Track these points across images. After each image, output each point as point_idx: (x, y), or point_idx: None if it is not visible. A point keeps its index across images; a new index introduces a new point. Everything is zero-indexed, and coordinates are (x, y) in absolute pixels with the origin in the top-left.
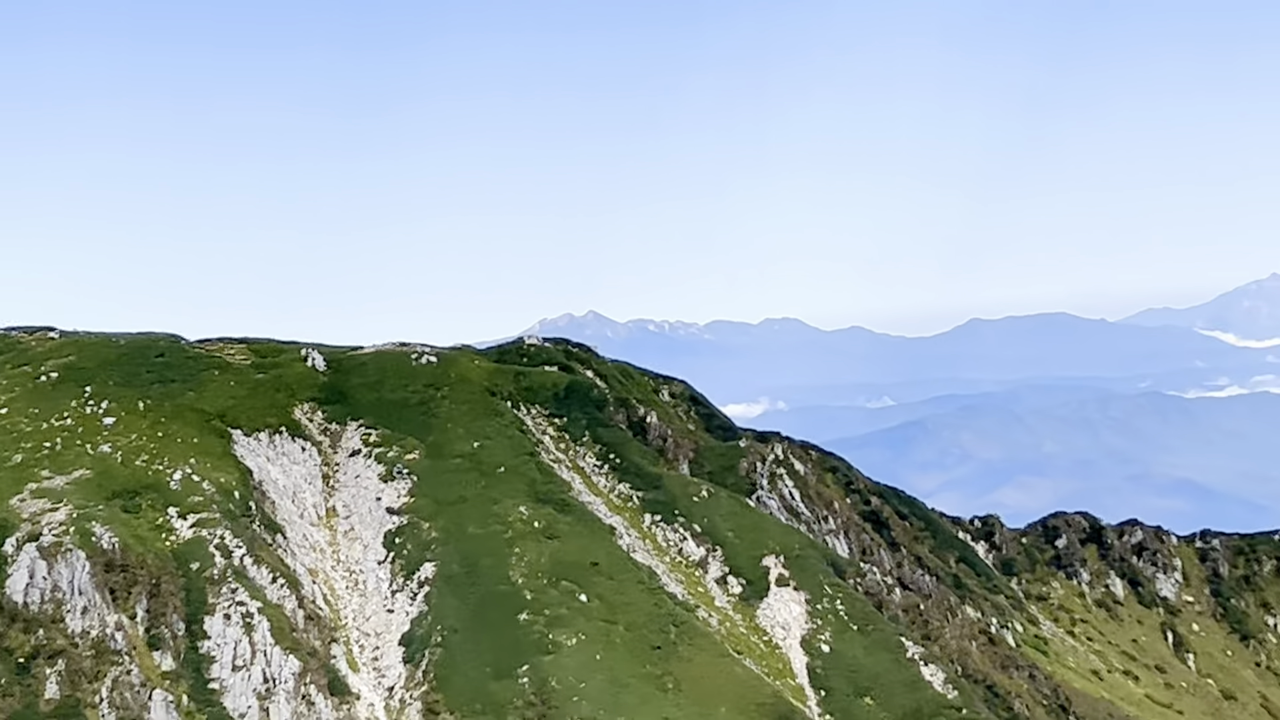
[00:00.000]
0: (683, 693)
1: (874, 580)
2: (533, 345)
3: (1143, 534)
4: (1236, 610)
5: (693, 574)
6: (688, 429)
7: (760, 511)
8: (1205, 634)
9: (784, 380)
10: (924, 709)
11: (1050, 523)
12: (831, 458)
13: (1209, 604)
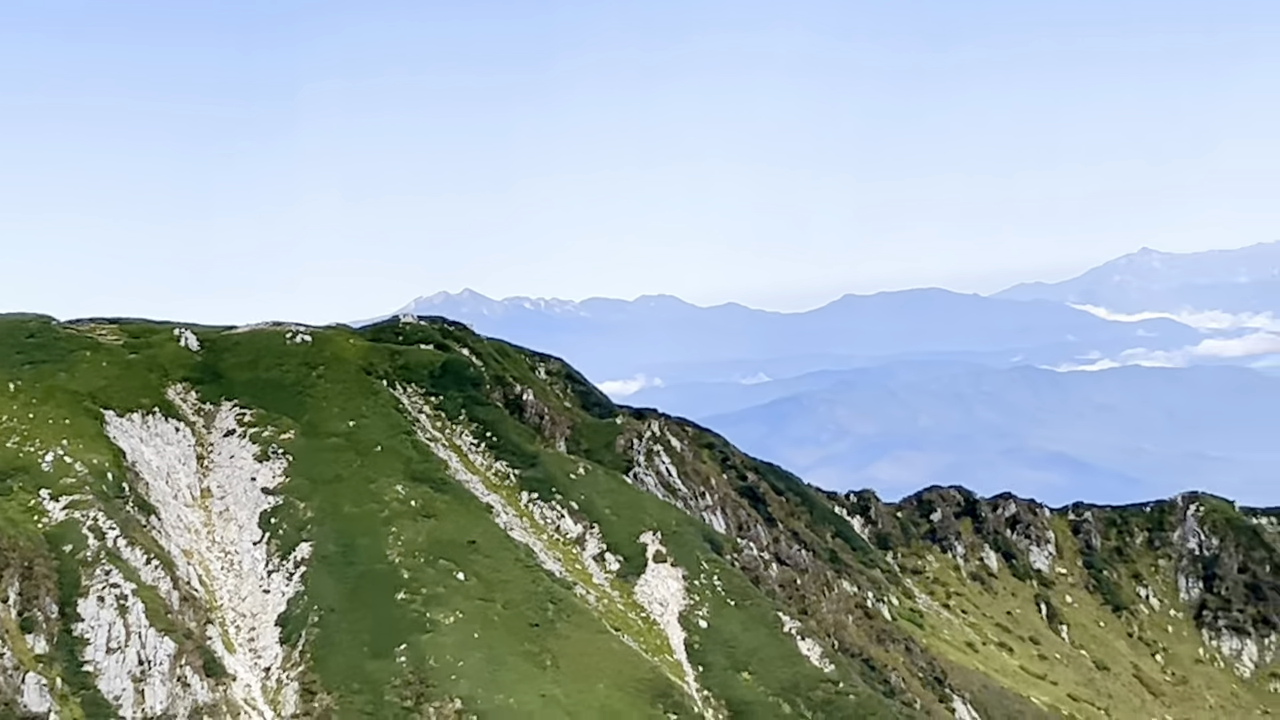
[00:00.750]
0: (561, 670)
1: (751, 556)
2: (408, 324)
3: (1016, 507)
4: (1109, 582)
5: (570, 551)
6: (564, 406)
7: (637, 488)
8: (1078, 605)
9: (660, 357)
10: (801, 683)
11: (925, 497)
12: (708, 434)
13: (1082, 576)
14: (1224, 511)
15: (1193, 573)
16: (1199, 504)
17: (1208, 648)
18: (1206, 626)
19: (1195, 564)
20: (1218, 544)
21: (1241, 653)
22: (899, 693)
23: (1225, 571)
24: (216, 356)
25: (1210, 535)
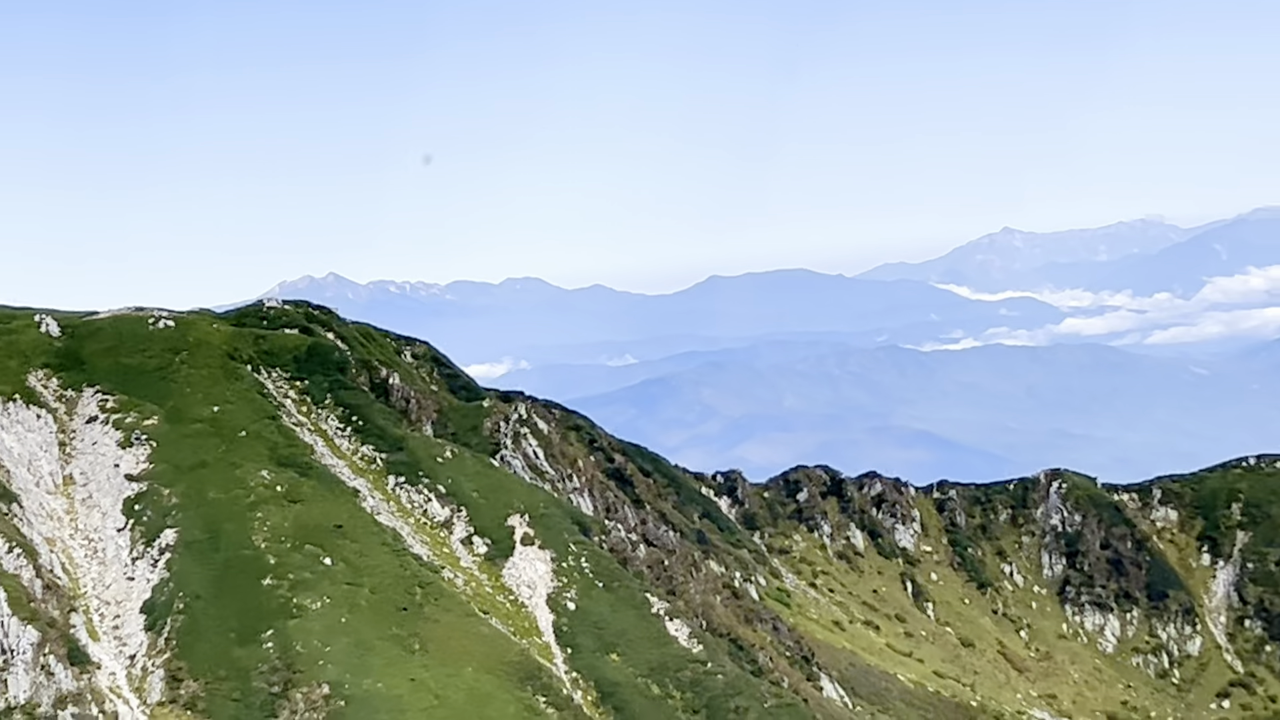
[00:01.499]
0: (429, 653)
1: (619, 537)
2: (273, 308)
3: (882, 486)
4: (973, 559)
5: (438, 535)
6: (431, 390)
7: (504, 471)
8: (943, 583)
9: (527, 340)
10: (669, 663)
11: (791, 477)
12: (575, 416)
13: (947, 553)
14: (1086, 488)
15: (1056, 549)
16: (1062, 481)
17: (1071, 623)
18: (1069, 602)
19: (1058, 541)
20: (1080, 521)
21: (1104, 628)
22: (766, 672)
23: (1088, 548)
24: (78, 342)
25: (1073, 512)
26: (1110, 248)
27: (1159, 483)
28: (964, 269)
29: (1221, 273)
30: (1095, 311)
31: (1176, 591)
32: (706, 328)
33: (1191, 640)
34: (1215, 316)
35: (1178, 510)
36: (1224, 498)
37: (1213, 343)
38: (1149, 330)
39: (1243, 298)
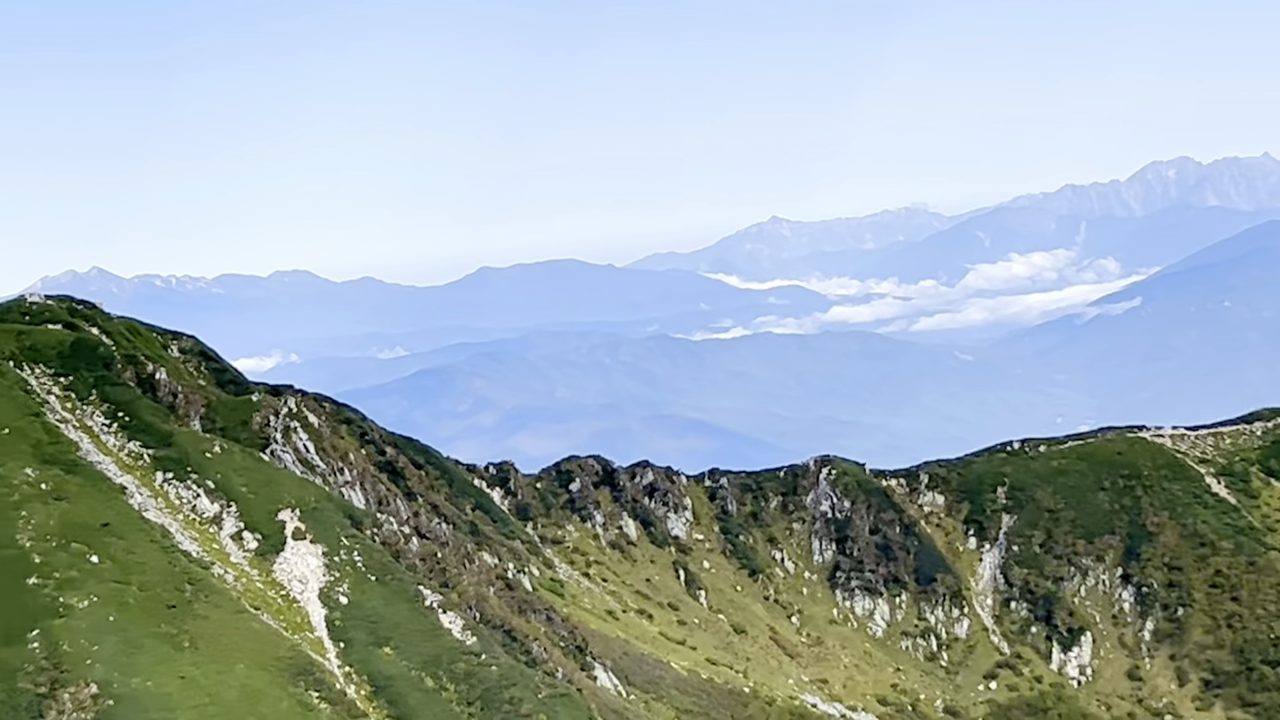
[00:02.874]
0: (200, 650)
1: (391, 530)
2: (34, 303)
3: (654, 475)
4: (745, 546)
5: (207, 531)
6: (199, 385)
7: (275, 466)
8: (716, 570)
9: (296, 333)
10: (443, 656)
11: (564, 467)
12: (346, 409)
13: (719, 541)
14: (855, 474)
15: (826, 535)
16: (831, 468)
17: (841, 608)
18: (840, 588)
19: (828, 527)
20: (850, 506)
21: (874, 612)
22: (541, 662)
23: (857, 533)
24: None
25: (842, 498)
26: (876, 236)
27: (926, 468)
28: (733, 258)
29: (985, 260)
30: (862, 299)
31: (944, 575)
32: (478, 319)
33: (959, 623)
34: (979, 303)
35: (944, 495)
36: (989, 482)
37: (977, 329)
38: (915, 317)
39: (1005, 284)
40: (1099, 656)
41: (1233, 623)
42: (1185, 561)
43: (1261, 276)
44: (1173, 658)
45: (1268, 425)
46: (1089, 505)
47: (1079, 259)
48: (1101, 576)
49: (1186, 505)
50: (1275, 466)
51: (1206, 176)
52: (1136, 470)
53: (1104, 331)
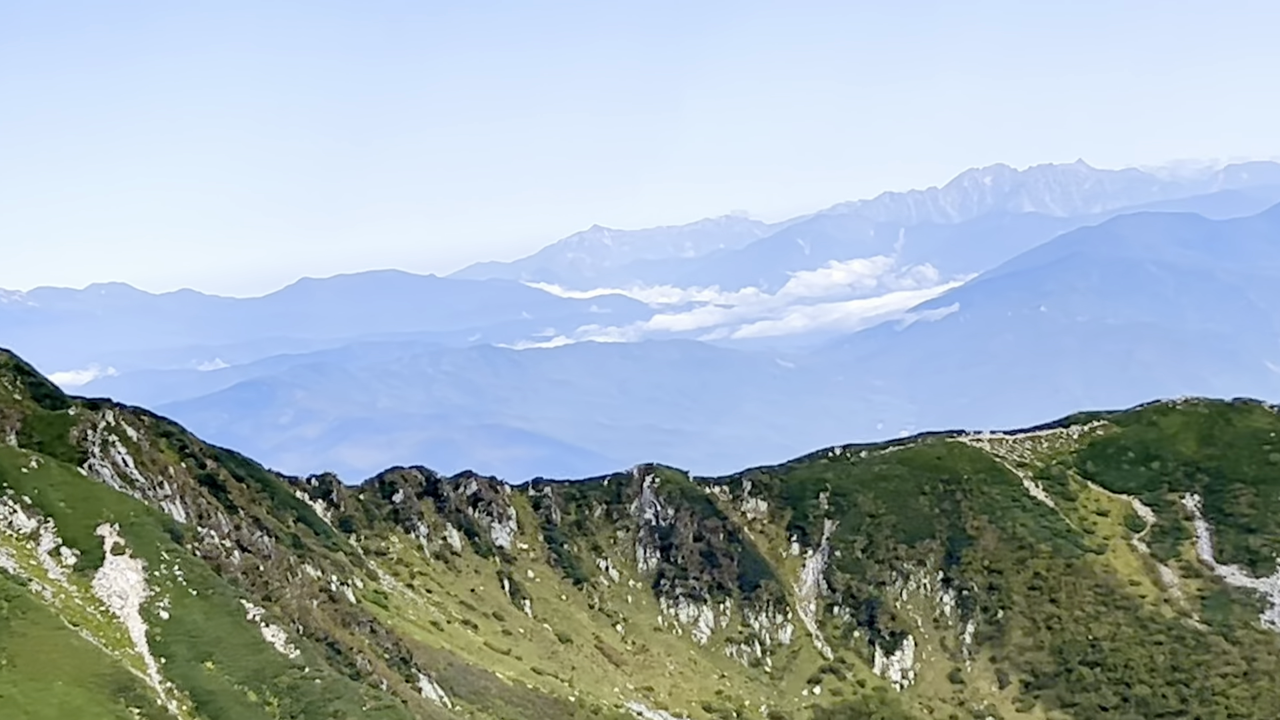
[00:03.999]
0: (17, 668)
1: (213, 544)
2: None
3: (478, 485)
4: (569, 555)
5: (24, 547)
6: (14, 399)
7: (93, 480)
8: (540, 580)
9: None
10: (266, 669)
11: (387, 478)
12: (165, 423)
13: (543, 550)
14: (678, 482)
15: (650, 543)
16: (655, 476)
17: (666, 616)
18: (664, 595)
19: (652, 535)
20: (674, 514)
21: (698, 619)
22: (365, 675)
23: (681, 541)
24: None
25: (666, 506)
26: (697, 244)
27: (749, 475)
28: (555, 267)
29: (805, 267)
30: (684, 307)
31: (768, 581)
32: (299, 330)
33: (783, 629)
34: (800, 310)
35: (767, 501)
36: (811, 488)
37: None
38: (736, 325)
39: (825, 291)
40: (921, 660)
41: (1051, 624)
42: (1004, 564)
43: (1076, 282)
44: (993, 660)
45: (1084, 428)
46: (910, 510)
47: (898, 266)
48: (923, 580)
49: (1005, 509)
50: (1091, 469)
51: (1022, 183)
52: (956, 475)
53: (923, 337)
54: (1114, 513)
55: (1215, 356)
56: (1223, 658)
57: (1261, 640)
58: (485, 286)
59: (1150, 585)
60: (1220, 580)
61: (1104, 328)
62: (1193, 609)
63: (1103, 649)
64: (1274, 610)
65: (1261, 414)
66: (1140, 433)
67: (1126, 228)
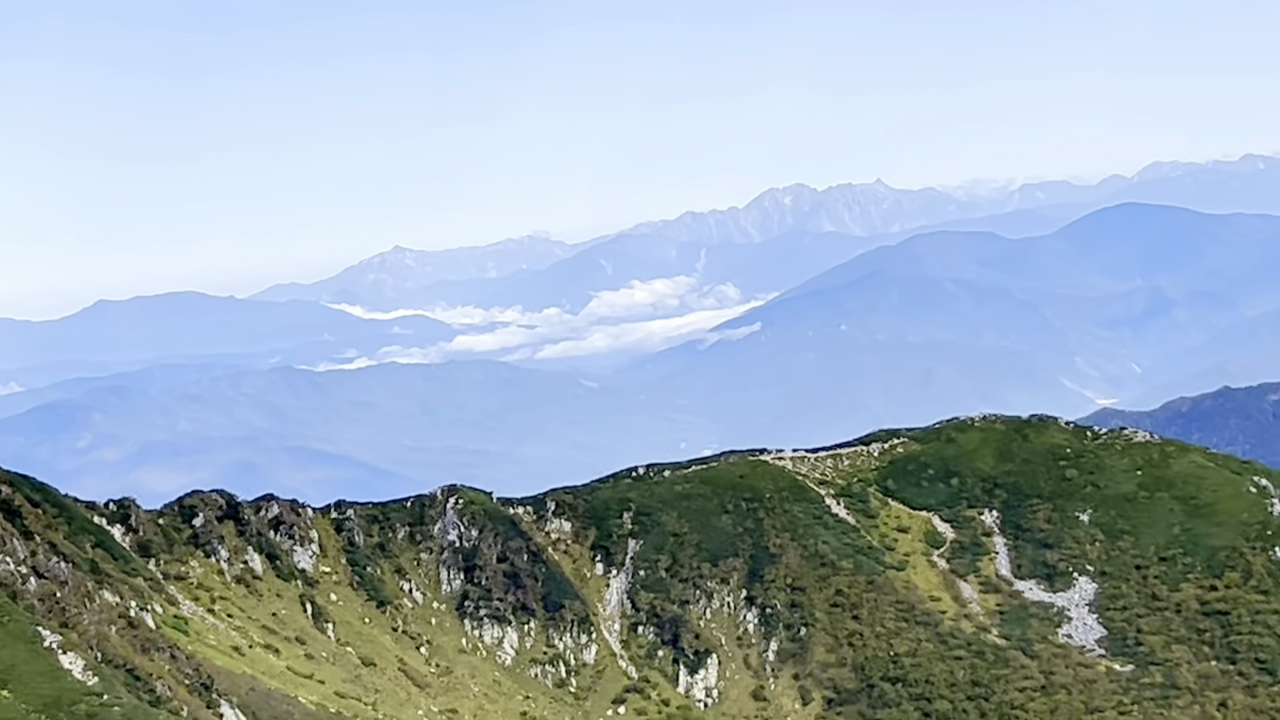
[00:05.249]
0: None
1: (7, 570)
2: None
3: (279, 508)
4: (372, 578)
5: None
6: None
7: None
8: (343, 603)
9: None
10: (64, 697)
11: (187, 502)
12: None
13: (346, 573)
14: (482, 503)
15: (454, 565)
16: (458, 497)
17: (470, 637)
18: (469, 617)
19: (456, 556)
20: (477, 535)
21: (503, 640)
22: (165, 701)
23: (485, 562)
24: None
25: (470, 527)
26: (499, 265)
27: (553, 495)
28: (356, 288)
29: (607, 287)
30: (487, 328)
31: (572, 601)
32: (96, 353)
33: (587, 649)
34: (603, 330)
35: (571, 522)
36: (615, 508)
37: (601, 356)
38: (540, 345)
39: (628, 311)
40: (725, 678)
41: (853, 641)
42: (807, 582)
43: (875, 301)
44: (796, 677)
45: (884, 446)
46: (713, 529)
47: (700, 285)
48: (726, 599)
49: (807, 526)
50: (892, 486)
51: (822, 203)
52: (758, 493)
53: (725, 356)
54: (914, 529)
55: (1012, 373)
56: (1021, 672)
57: (1059, 654)
58: (286, 308)
59: (950, 601)
60: (1018, 595)
61: (903, 345)
62: (992, 624)
63: (904, 665)
64: (1071, 624)
65: (1057, 430)
66: (939, 450)
67: (925, 247)
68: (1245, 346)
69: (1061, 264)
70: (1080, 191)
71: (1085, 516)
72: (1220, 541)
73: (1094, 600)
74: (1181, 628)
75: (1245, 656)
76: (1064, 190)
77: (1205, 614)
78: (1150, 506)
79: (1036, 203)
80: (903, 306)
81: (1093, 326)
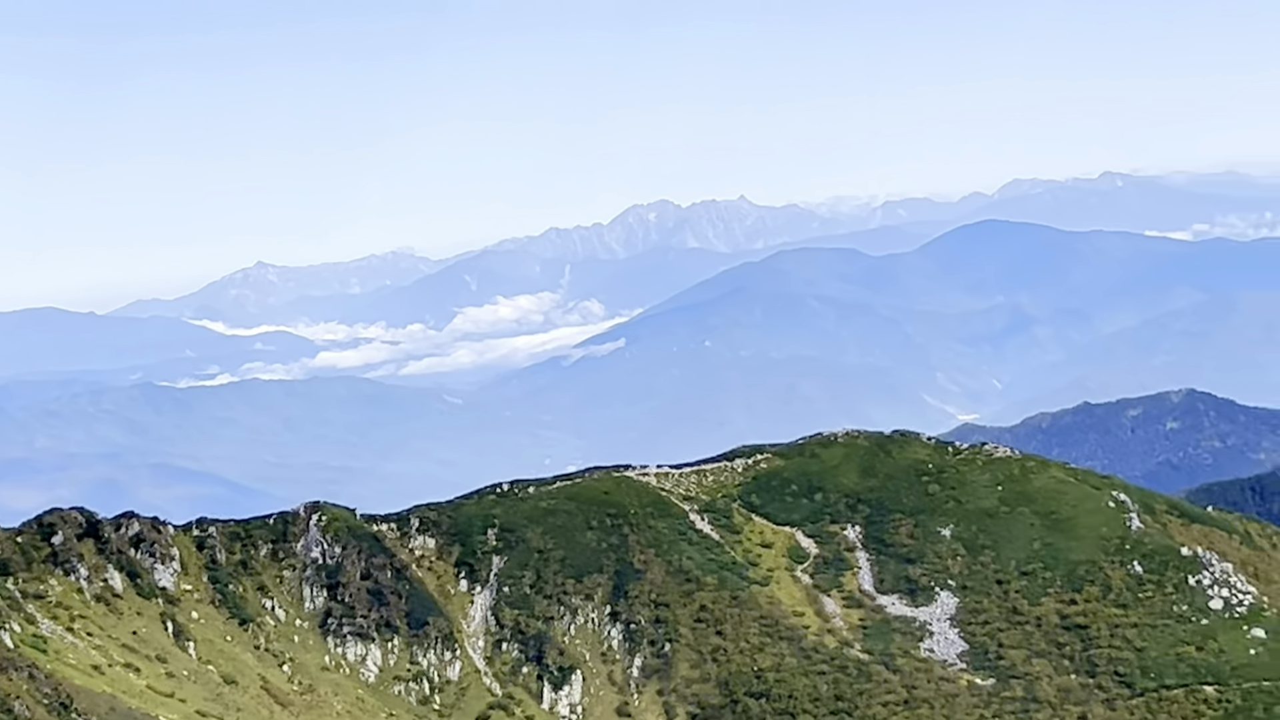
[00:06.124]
0: None
1: None
2: None
3: (140, 526)
4: (235, 596)
5: None
6: None
7: None
8: (205, 621)
9: None
10: None
11: (46, 519)
12: None
13: (208, 591)
14: (346, 520)
15: (317, 582)
16: (321, 514)
17: (333, 655)
18: (332, 634)
19: (319, 573)
20: (340, 552)
21: (366, 658)
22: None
23: (348, 579)
24: None
25: (333, 544)
26: (363, 281)
27: (417, 511)
28: (219, 304)
29: (472, 303)
30: (350, 344)
31: (436, 619)
32: None
33: (451, 665)
34: (467, 346)
35: (435, 538)
36: (479, 524)
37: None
38: (404, 361)
39: (492, 327)
40: (589, 694)
41: (717, 657)
42: (671, 598)
43: (739, 317)
44: (660, 693)
45: (748, 462)
46: (577, 545)
47: (564, 301)
48: (590, 615)
49: (672, 542)
50: (756, 502)
51: (686, 219)
52: (623, 509)
53: (590, 373)
54: (778, 545)
55: (875, 389)
56: (884, 686)
57: (921, 668)
58: (147, 324)
59: (813, 616)
60: (881, 610)
61: (767, 361)
62: (855, 639)
63: (768, 680)
64: (933, 639)
65: (920, 446)
66: (803, 465)
67: (788, 263)
68: (1104, 363)
69: (923, 280)
70: (942, 209)
71: (947, 531)
72: (1080, 556)
73: (956, 614)
74: (1042, 641)
75: (1105, 670)
76: (926, 208)
77: (1065, 628)
78: (1011, 521)
79: (899, 220)
80: (766, 322)
81: (954, 343)
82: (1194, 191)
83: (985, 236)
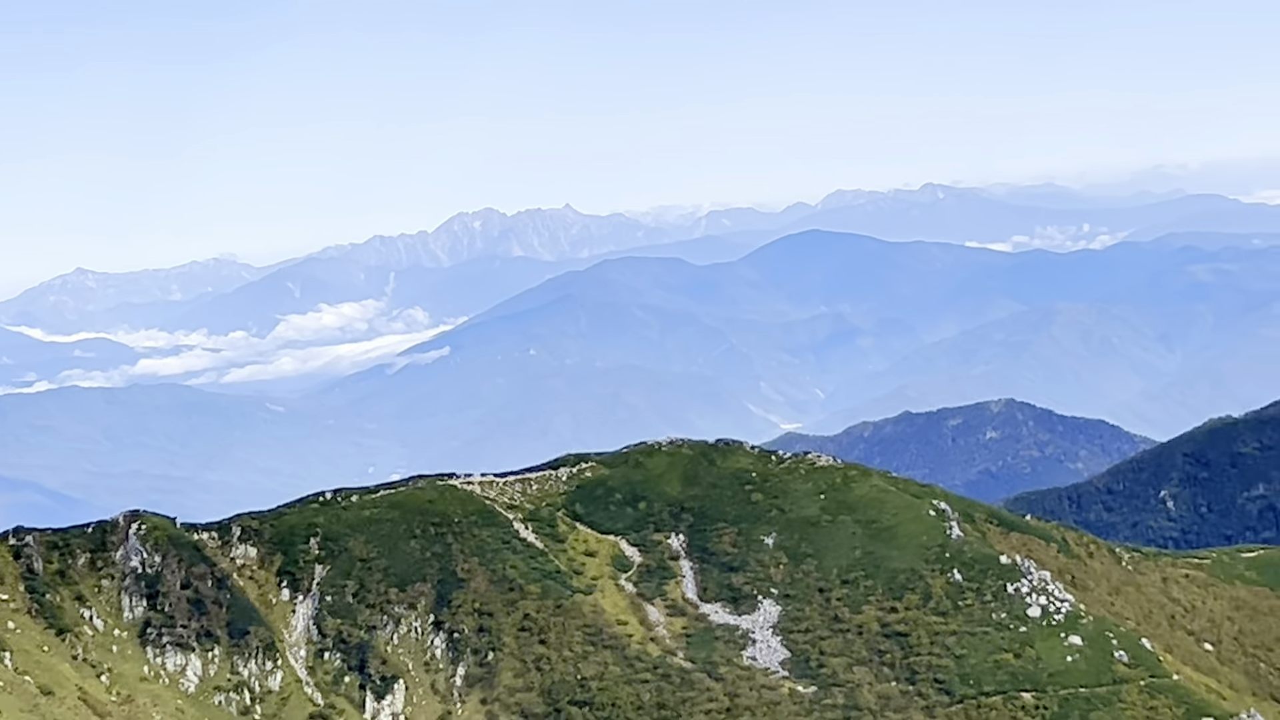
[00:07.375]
0: None
1: None
2: None
3: None
4: (52, 605)
5: None
6: None
7: None
8: (21, 631)
9: None
10: None
11: None
12: None
13: (25, 601)
14: (165, 529)
15: (137, 591)
16: (141, 522)
17: (153, 665)
18: (151, 644)
19: (139, 583)
20: (160, 561)
21: (186, 668)
22: None
23: (169, 588)
24: None
25: (153, 553)
26: (184, 287)
27: (238, 520)
28: (36, 310)
29: (295, 310)
30: (171, 351)
31: (257, 628)
32: None
33: (272, 675)
34: (290, 354)
35: (257, 547)
36: (302, 533)
37: (289, 380)
38: (226, 369)
39: (316, 335)
40: (412, 704)
41: (541, 665)
42: (495, 606)
43: (564, 326)
44: (484, 702)
45: (573, 470)
46: (401, 554)
47: (389, 309)
48: (414, 624)
49: (496, 551)
50: (580, 510)
51: (511, 228)
52: (447, 518)
53: (414, 381)
54: (602, 553)
55: (699, 398)
56: (706, 694)
57: (744, 676)
58: None
59: (637, 624)
60: (704, 618)
61: (592, 370)
62: (678, 647)
63: (591, 688)
64: (755, 647)
65: (743, 454)
66: (627, 474)
67: (613, 272)
68: (925, 372)
69: (747, 290)
70: (766, 219)
71: (770, 540)
72: (900, 564)
73: (778, 623)
74: (863, 649)
75: (924, 677)
76: (750, 217)
77: (886, 635)
78: (833, 530)
79: (723, 230)
80: (591, 331)
81: (778, 352)
82: (1013, 204)
83: (809, 246)
